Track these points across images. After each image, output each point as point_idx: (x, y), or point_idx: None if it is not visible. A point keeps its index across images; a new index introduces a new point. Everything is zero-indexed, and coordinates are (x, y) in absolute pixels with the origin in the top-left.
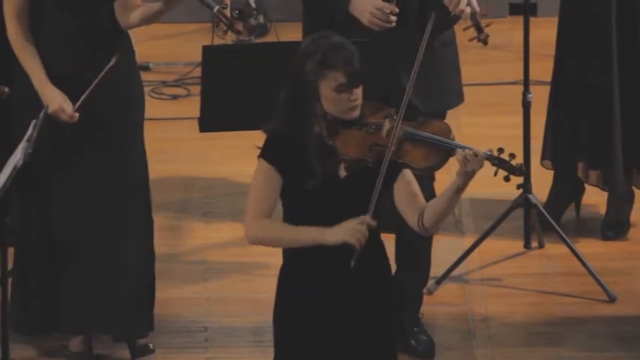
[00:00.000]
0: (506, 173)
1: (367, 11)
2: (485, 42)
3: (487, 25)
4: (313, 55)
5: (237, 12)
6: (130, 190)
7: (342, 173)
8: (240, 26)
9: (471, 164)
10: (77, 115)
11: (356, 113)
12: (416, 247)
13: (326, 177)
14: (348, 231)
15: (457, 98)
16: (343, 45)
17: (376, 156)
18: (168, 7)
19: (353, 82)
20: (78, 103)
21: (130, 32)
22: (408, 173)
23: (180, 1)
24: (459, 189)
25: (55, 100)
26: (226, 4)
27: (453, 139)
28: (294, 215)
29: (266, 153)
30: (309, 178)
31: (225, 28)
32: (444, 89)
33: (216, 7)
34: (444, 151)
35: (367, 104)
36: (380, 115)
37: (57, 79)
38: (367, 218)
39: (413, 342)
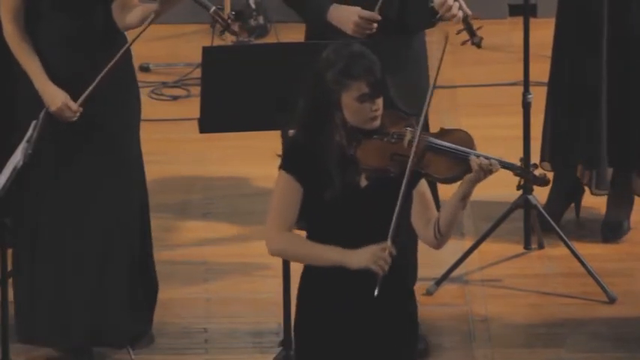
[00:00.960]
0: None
1: (351, 21)
2: (479, 45)
3: (479, 28)
4: (335, 64)
5: (233, 13)
6: (126, 192)
7: (363, 183)
8: (236, 27)
9: (485, 173)
10: (81, 109)
11: (377, 123)
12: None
13: (346, 187)
14: (370, 257)
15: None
16: (365, 54)
17: (398, 166)
18: (165, 8)
19: (375, 92)
20: (83, 97)
21: (127, 33)
22: (422, 183)
23: (176, 3)
24: (466, 195)
25: (58, 98)
26: (221, 7)
27: (475, 149)
28: (314, 224)
29: (286, 163)
30: (329, 188)
31: (221, 29)
32: (422, 88)
33: (213, 8)
34: (467, 161)
35: (387, 113)
36: (401, 125)
37: (56, 79)
38: (389, 244)
39: None
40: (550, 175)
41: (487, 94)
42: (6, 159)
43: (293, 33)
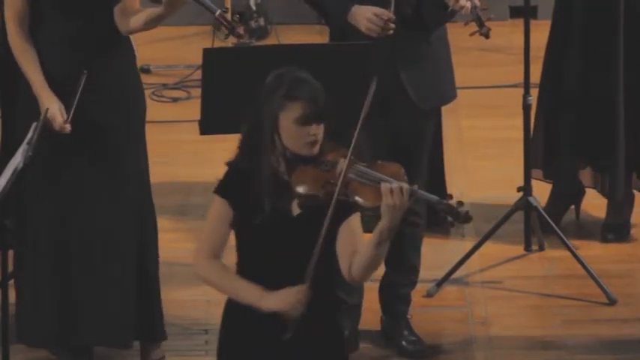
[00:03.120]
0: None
1: (364, 18)
2: (487, 35)
3: (488, 19)
4: (276, 88)
5: (237, 16)
6: (128, 195)
7: (296, 211)
8: (241, 30)
9: (394, 198)
10: (69, 127)
11: (315, 150)
12: (405, 249)
13: (278, 213)
14: (284, 300)
15: (451, 93)
16: (307, 80)
17: (327, 194)
18: (169, 12)
19: (313, 116)
20: (69, 117)
21: (132, 37)
22: (354, 221)
23: (180, 6)
24: (384, 229)
25: (50, 107)
26: (227, 8)
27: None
28: (246, 248)
29: (220, 187)
30: (259, 213)
31: (226, 32)
32: (440, 85)
33: (218, 11)
34: None
35: (328, 144)
36: (338, 154)
37: (56, 78)
38: (305, 287)
39: (403, 343)
40: (541, 184)
41: (487, 95)
42: (6, 161)
43: (293, 34)
